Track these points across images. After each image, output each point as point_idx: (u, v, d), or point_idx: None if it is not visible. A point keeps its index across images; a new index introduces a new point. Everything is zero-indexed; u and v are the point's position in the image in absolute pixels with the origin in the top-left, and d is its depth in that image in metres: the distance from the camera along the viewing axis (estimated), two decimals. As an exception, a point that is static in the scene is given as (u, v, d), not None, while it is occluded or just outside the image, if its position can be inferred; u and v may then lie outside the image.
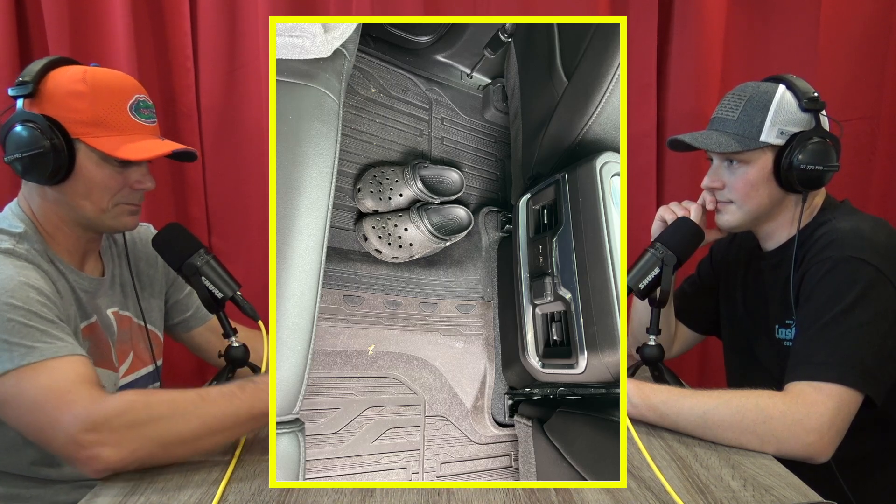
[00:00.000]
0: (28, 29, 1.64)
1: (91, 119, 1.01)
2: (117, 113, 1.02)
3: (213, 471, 0.92)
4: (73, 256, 1.09)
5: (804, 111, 1.10)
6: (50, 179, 1.01)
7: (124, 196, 1.06)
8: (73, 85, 1.01)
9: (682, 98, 1.72)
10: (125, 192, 1.06)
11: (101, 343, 1.10)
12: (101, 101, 1.02)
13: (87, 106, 1.01)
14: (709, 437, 1.00)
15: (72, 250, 1.08)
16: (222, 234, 1.76)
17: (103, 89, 1.02)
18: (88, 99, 1.01)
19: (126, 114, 1.03)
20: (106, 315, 1.14)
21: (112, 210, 1.06)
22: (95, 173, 1.02)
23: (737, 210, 1.16)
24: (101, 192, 1.04)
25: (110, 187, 1.04)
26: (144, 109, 1.06)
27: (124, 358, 1.16)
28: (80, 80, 1.01)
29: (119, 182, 1.04)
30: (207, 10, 1.67)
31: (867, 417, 0.99)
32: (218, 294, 1.09)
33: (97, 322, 1.10)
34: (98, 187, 1.03)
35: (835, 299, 1.02)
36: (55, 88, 1.01)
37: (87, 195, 1.04)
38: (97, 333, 1.10)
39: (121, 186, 1.05)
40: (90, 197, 1.04)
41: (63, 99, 1.01)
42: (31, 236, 1.03)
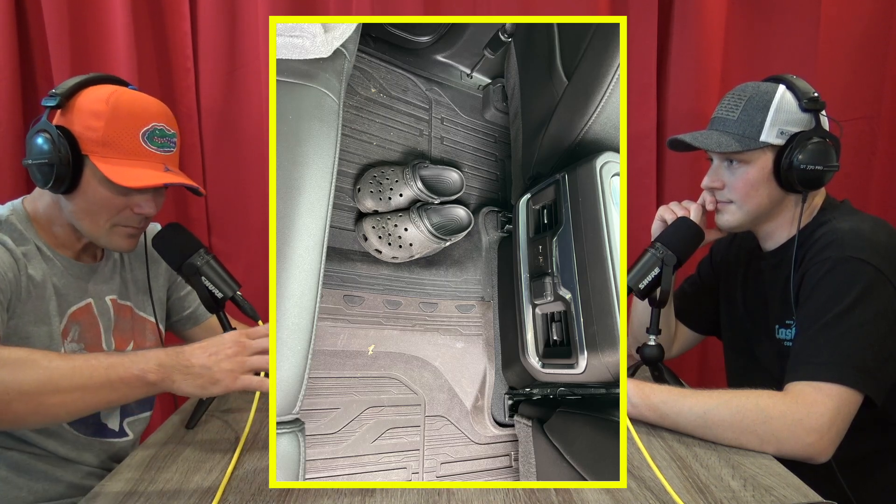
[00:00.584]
0: (28, 29, 1.64)
1: (102, 139, 1.03)
2: (128, 137, 1.04)
3: (213, 471, 0.92)
4: (66, 250, 1.11)
5: (804, 111, 1.10)
6: (55, 189, 1.04)
7: (123, 218, 1.08)
8: (95, 104, 1.04)
9: (682, 98, 1.72)
10: (125, 215, 1.08)
11: (91, 327, 1.12)
12: (117, 123, 1.04)
13: (102, 125, 1.03)
14: (709, 437, 1.00)
15: (66, 245, 1.11)
16: (222, 234, 1.77)
17: (122, 112, 1.04)
18: (105, 119, 1.03)
19: (137, 139, 1.05)
20: (104, 301, 1.15)
21: (109, 231, 1.08)
22: (97, 191, 1.04)
23: (737, 210, 1.17)
24: (99, 211, 1.06)
25: (110, 208, 1.06)
26: (160, 138, 1.07)
27: (124, 346, 1.18)
28: (104, 101, 1.04)
29: (119, 204, 1.06)
30: (207, 10, 1.67)
31: (867, 417, 0.99)
32: (218, 294, 1.09)
33: (90, 305, 1.12)
34: (97, 206, 1.05)
35: (835, 299, 1.02)
36: (80, 104, 1.04)
37: (86, 211, 1.06)
38: (89, 317, 1.12)
39: (120, 209, 1.07)
40: (89, 214, 1.06)
41: (83, 115, 1.04)
42: (12, 224, 1.05)
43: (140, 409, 1.23)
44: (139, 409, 1.23)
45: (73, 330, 1.09)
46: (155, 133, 1.06)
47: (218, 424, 1.10)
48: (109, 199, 1.05)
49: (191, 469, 0.93)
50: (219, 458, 0.96)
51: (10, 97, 1.59)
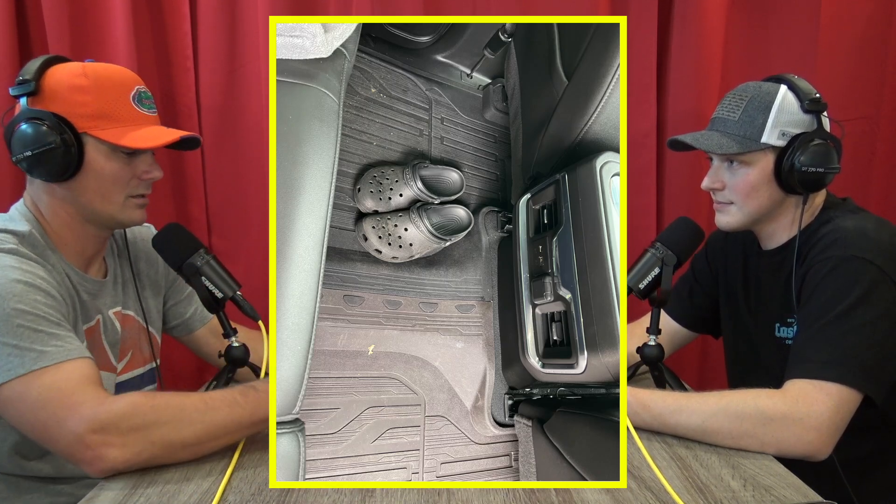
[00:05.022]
0: (28, 29, 1.64)
1: (96, 112, 1.01)
2: (121, 104, 1.03)
3: (213, 471, 0.92)
4: (78, 259, 1.09)
5: (806, 112, 1.09)
6: (60, 176, 1.01)
7: (133, 188, 1.07)
8: (74, 80, 1.01)
9: (682, 98, 1.72)
10: (134, 184, 1.07)
11: (97, 346, 1.10)
12: (105, 93, 1.02)
13: (91, 99, 1.01)
14: (709, 442, 1.00)
15: (78, 252, 1.09)
16: (222, 234, 1.76)
17: (105, 82, 1.03)
18: (92, 92, 1.01)
19: (130, 104, 1.04)
20: (108, 316, 1.14)
21: (123, 204, 1.06)
22: (105, 166, 1.03)
23: (737, 211, 1.16)
24: (111, 186, 1.04)
25: (120, 180, 1.04)
26: (146, 100, 1.07)
27: (124, 356, 1.17)
28: (82, 75, 1.02)
29: (128, 173, 1.05)
30: (207, 10, 1.67)
31: (867, 417, 0.99)
32: (218, 294, 1.09)
33: (98, 324, 1.11)
34: (108, 180, 1.04)
35: (837, 298, 1.02)
36: (57, 84, 1.01)
37: (97, 191, 1.04)
38: (96, 336, 1.10)
39: (130, 178, 1.05)
40: (101, 192, 1.04)
41: (67, 94, 1.01)
42: (35, 237, 1.03)
43: None
44: None
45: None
46: (141, 95, 1.06)
47: (218, 424, 1.10)
48: (118, 170, 1.04)
49: (191, 469, 0.93)
50: (219, 458, 0.96)
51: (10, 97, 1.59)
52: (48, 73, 1.02)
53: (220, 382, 1.13)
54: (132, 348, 1.19)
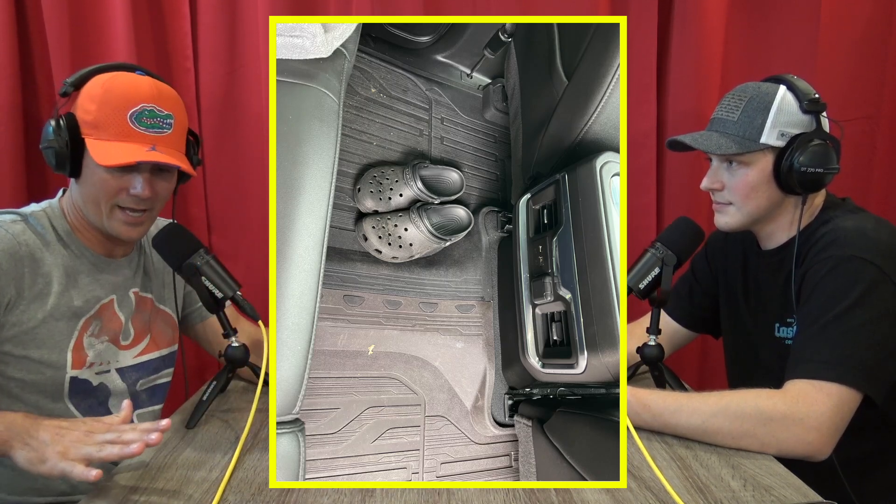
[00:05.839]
0: (28, 29, 1.64)
1: (94, 121, 1.06)
2: (116, 118, 1.05)
3: (213, 471, 0.92)
4: (100, 245, 1.15)
5: (805, 113, 1.09)
6: (61, 171, 1.07)
7: (121, 200, 1.09)
8: (93, 88, 1.07)
9: (682, 98, 1.72)
10: (121, 197, 1.09)
11: (113, 320, 1.16)
12: (107, 105, 1.06)
13: (95, 108, 1.06)
14: (709, 442, 1.00)
15: (95, 242, 1.14)
16: (222, 234, 1.77)
17: (110, 94, 1.06)
18: (98, 102, 1.06)
19: (125, 120, 1.05)
20: (128, 295, 1.20)
21: (109, 214, 1.09)
22: (94, 173, 1.07)
23: (736, 212, 1.16)
24: (98, 194, 1.08)
25: (107, 190, 1.07)
26: (149, 119, 1.07)
27: (142, 338, 1.21)
28: (100, 85, 1.07)
29: (114, 185, 1.07)
30: (207, 10, 1.67)
31: (867, 417, 1.00)
32: (218, 294, 1.09)
33: (113, 301, 1.16)
34: (96, 188, 1.07)
35: (837, 298, 1.02)
36: (84, 90, 1.07)
37: (89, 195, 1.09)
38: (111, 312, 1.16)
39: (117, 189, 1.08)
40: (91, 197, 1.09)
41: (82, 100, 1.07)
42: (40, 217, 1.10)
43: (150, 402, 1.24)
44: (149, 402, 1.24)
45: (93, 324, 1.13)
46: (144, 114, 1.06)
47: (218, 424, 1.10)
48: (106, 180, 1.06)
49: (191, 469, 0.93)
50: (219, 458, 0.96)
51: (10, 97, 1.59)
52: (93, 79, 1.08)
53: (220, 382, 1.15)
54: (149, 332, 1.22)
